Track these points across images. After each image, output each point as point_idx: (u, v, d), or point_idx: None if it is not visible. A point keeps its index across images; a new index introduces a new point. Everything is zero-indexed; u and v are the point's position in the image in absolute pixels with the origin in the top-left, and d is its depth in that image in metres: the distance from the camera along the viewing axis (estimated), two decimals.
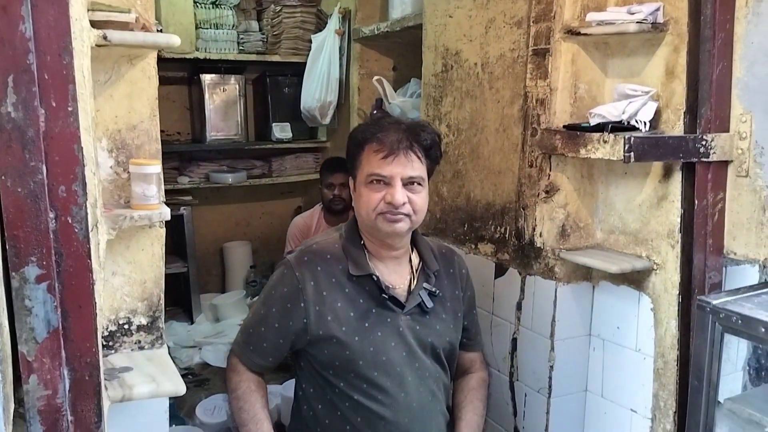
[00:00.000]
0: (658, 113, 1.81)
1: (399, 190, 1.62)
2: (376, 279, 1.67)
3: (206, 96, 3.92)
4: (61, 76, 1.00)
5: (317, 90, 3.71)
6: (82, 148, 1.04)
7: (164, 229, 1.40)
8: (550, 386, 2.05)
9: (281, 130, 4.07)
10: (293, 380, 1.87)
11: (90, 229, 1.08)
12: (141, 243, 1.36)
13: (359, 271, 1.68)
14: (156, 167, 1.30)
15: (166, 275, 3.78)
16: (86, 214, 1.05)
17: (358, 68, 3.68)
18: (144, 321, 1.41)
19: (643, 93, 1.79)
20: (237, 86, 4.00)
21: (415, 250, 1.80)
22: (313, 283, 1.66)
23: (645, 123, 1.77)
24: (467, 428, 1.78)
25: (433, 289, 1.74)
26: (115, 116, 1.31)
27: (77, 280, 1.05)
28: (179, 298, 4.04)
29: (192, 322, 3.85)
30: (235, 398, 1.69)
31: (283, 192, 4.46)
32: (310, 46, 3.83)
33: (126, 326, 1.39)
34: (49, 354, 1.04)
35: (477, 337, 1.93)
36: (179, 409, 2.75)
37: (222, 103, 3.98)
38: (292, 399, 1.83)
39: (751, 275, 1.91)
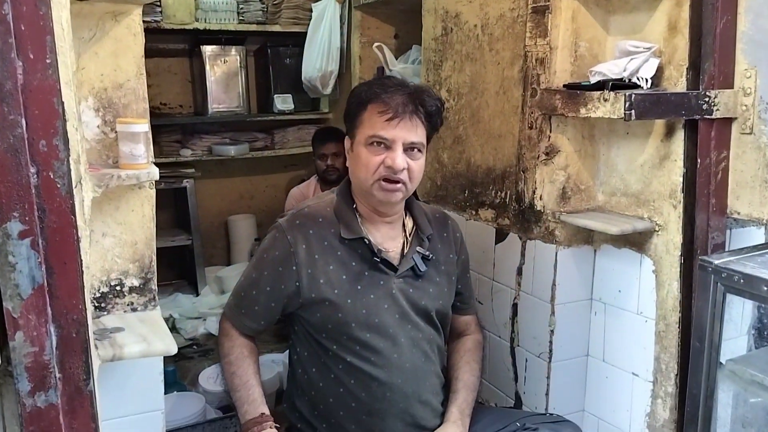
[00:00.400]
0: (660, 70, 1.77)
1: (400, 154, 1.59)
2: (368, 242, 1.65)
3: (207, 68, 3.89)
4: (38, 27, 0.97)
5: (318, 59, 3.67)
6: (62, 102, 1.02)
7: (154, 189, 1.39)
8: (550, 351, 2.04)
9: (283, 102, 4.03)
10: None
11: (74, 185, 1.06)
12: (131, 204, 1.35)
13: (351, 234, 1.66)
14: (144, 126, 1.28)
15: (171, 248, 3.78)
16: (68, 169, 1.03)
17: (359, 36, 3.64)
18: (136, 282, 1.40)
19: (644, 49, 1.74)
20: (238, 57, 3.96)
21: (408, 214, 1.78)
22: (305, 246, 1.64)
23: (647, 80, 1.73)
24: (464, 388, 1.76)
25: (427, 253, 1.72)
26: (100, 74, 1.28)
27: (61, 237, 1.03)
28: (184, 270, 4.05)
29: (197, 294, 3.86)
30: (228, 363, 1.68)
31: (285, 165, 4.44)
32: (311, 15, 3.78)
33: (118, 288, 1.38)
34: (35, 310, 1.03)
35: (471, 301, 1.92)
36: (183, 378, 2.76)
37: (223, 75, 3.95)
38: None
39: (756, 237, 1.88)
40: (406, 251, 1.72)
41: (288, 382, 1.82)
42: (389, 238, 1.72)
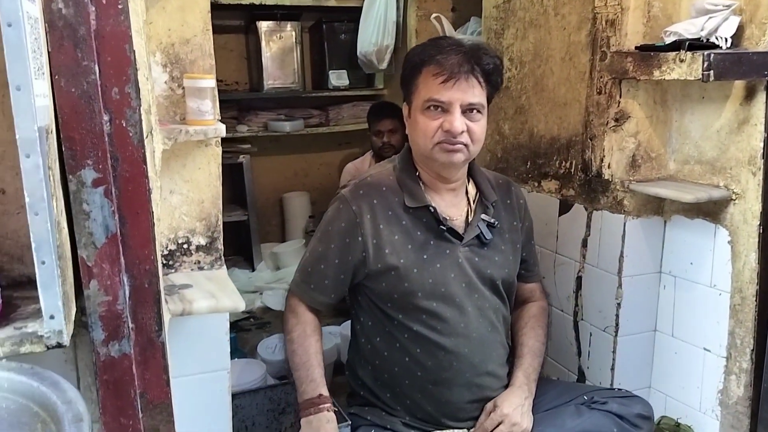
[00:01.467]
0: (740, 29, 1.67)
1: (458, 117, 1.53)
2: (433, 210, 1.62)
3: (263, 44, 3.89)
4: None
5: (374, 34, 3.63)
6: (134, 50, 1.02)
7: (220, 148, 1.38)
8: (617, 324, 1.98)
9: (338, 78, 4.02)
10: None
11: (145, 135, 1.06)
12: (197, 161, 1.35)
13: (415, 202, 1.63)
14: (210, 81, 1.28)
15: (228, 223, 3.83)
16: (140, 118, 1.03)
17: (415, 10, 3.58)
18: (203, 241, 1.40)
19: (724, 7, 1.65)
20: (293, 33, 3.95)
21: (471, 180, 1.73)
22: (370, 216, 1.61)
23: (726, 39, 1.64)
24: (529, 353, 1.73)
25: (492, 221, 1.68)
26: (168, 29, 1.28)
27: (133, 186, 1.04)
28: (240, 246, 4.09)
29: (253, 270, 3.90)
30: (290, 341, 1.66)
31: (340, 142, 4.43)
32: None
33: (185, 246, 1.39)
34: (109, 260, 1.03)
35: (535, 268, 1.87)
36: (242, 347, 2.79)
37: (279, 51, 3.95)
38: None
39: None
40: (470, 219, 1.68)
41: (350, 352, 1.81)
42: (453, 206, 1.68)
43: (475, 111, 1.56)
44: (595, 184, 1.98)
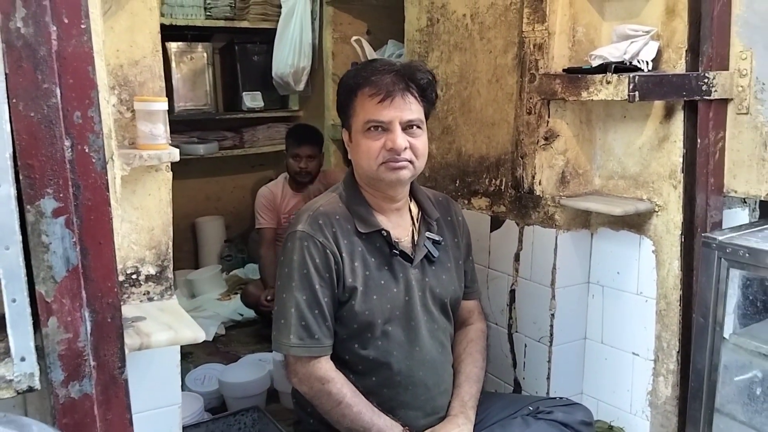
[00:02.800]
0: (659, 53, 1.80)
1: (399, 134, 1.54)
2: (385, 234, 1.62)
3: (173, 65, 3.79)
4: None
5: (290, 55, 3.62)
6: (96, 71, 0.97)
7: (171, 173, 1.33)
8: (551, 334, 2.05)
9: (252, 99, 3.96)
10: None
11: (107, 160, 1.01)
12: (147, 187, 1.29)
13: (368, 227, 1.61)
14: (163, 104, 1.23)
15: None
16: (103, 143, 0.98)
17: (331, 32, 3.60)
18: (153, 271, 1.33)
19: (644, 33, 1.78)
20: (205, 54, 3.87)
21: (413, 199, 1.74)
22: (335, 245, 1.58)
23: (647, 63, 1.76)
24: (466, 381, 1.72)
25: (437, 238, 1.70)
26: (116, 50, 1.22)
27: (96, 215, 0.98)
28: None
29: None
30: (347, 406, 1.54)
31: (253, 164, 4.36)
32: (280, 11, 3.73)
33: (134, 276, 1.32)
34: (69, 294, 0.97)
35: (474, 285, 1.88)
36: None
37: (190, 72, 3.86)
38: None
39: (742, 218, 1.94)
40: (417, 239, 1.69)
41: None
42: (400, 227, 1.69)
43: (415, 127, 1.58)
44: (527, 200, 2.05)
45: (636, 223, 1.94)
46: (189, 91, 3.87)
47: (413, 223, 1.72)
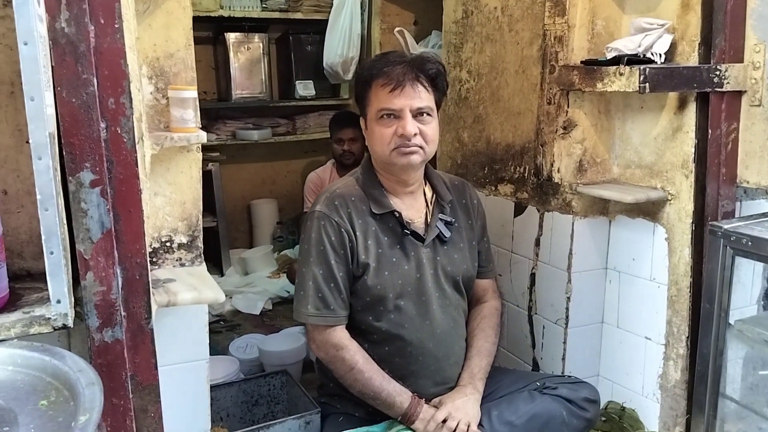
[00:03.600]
0: (673, 45, 1.85)
1: (409, 121, 1.65)
2: (398, 215, 1.74)
3: (231, 55, 4.00)
4: None
5: (339, 46, 3.77)
6: (128, 64, 1.13)
7: (201, 153, 1.50)
8: (567, 317, 2.14)
9: (304, 88, 4.14)
10: None
11: (137, 141, 1.17)
12: (180, 165, 1.46)
13: (382, 209, 1.74)
14: (192, 92, 1.39)
15: None
16: (133, 126, 1.14)
17: (379, 23, 3.73)
18: (184, 240, 1.51)
19: (658, 26, 1.83)
20: (261, 45, 4.07)
21: (427, 183, 1.85)
22: (349, 224, 1.71)
23: (660, 55, 1.82)
24: (476, 355, 1.82)
25: (450, 219, 1.81)
26: (153, 45, 1.40)
27: (127, 186, 1.15)
28: (209, 252, 4.13)
29: (222, 275, 3.99)
30: (358, 371, 1.68)
31: (306, 150, 4.55)
32: (332, 3, 3.88)
33: (168, 244, 1.50)
34: (104, 253, 1.14)
35: (489, 265, 1.96)
36: (214, 347, 2.88)
37: (246, 61, 4.06)
38: None
39: (765, 208, 1.96)
40: (429, 220, 1.80)
41: None
42: (413, 209, 1.80)
43: (425, 114, 1.68)
44: (546, 187, 2.14)
45: (651, 211, 2.00)
46: (246, 80, 4.08)
47: (427, 205, 1.83)
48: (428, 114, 1.69)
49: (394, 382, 1.71)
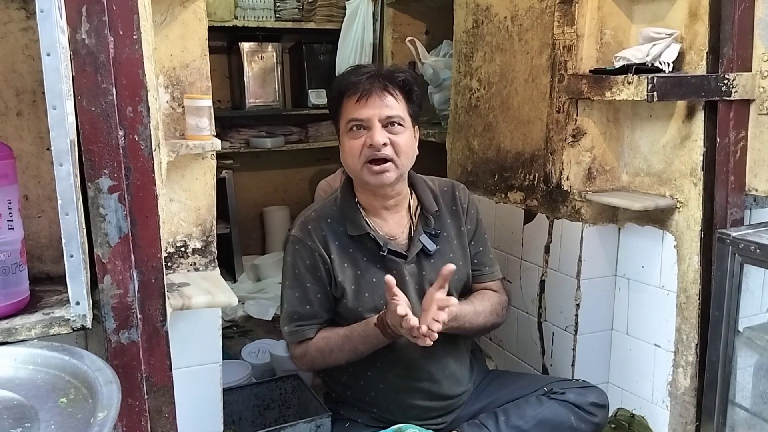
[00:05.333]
0: (681, 54, 1.87)
1: (378, 131, 1.62)
2: (372, 237, 1.72)
3: (245, 64, 4.05)
4: (126, 7, 1.13)
5: (352, 55, 3.81)
6: (145, 74, 1.17)
7: (215, 161, 1.54)
8: (576, 324, 2.15)
9: (317, 96, 4.19)
10: None
11: (153, 148, 1.21)
12: (195, 172, 1.50)
13: (357, 230, 1.72)
14: (207, 101, 1.43)
15: None
16: (150, 133, 1.18)
17: (391, 32, 3.77)
18: (198, 245, 1.54)
19: (666, 35, 1.85)
20: (274, 54, 4.12)
21: (413, 193, 1.81)
22: (323, 248, 1.72)
23: (668, 64, 1.84)
24: (467, 302, 1.77)
25: (434, 231, 1.77)
26: (170, 55, 1.44)
27: (144, 192, 1.19)
28: (222, 258, 4.17)
29: (235, 281, 4.02)
30: (328, 351, 1.71)
31: (318, 158, 4.59)
32: (344, 13, 3.93)
33: (183, 249, 1.53)
34: (121, 257, 1.18)
35: (487, 268, 1.89)
36: (227, 352, 2.91)
37: (260, 70, 4.11)
38: None
39: None
40: (413, 234, 1.77)
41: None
42: (395, 224, 1.78)
43: (396, 124, 1.65)
44: (556, 194, 2.16)
45: (660, 218, 2.01)
46: (259, 88, 4.13)
47: (411, 218, 1.79)
48: (399, 124, 1.66)
49: (356, 324, 1.70)
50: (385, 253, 1.72)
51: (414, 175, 1.81)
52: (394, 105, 1.66)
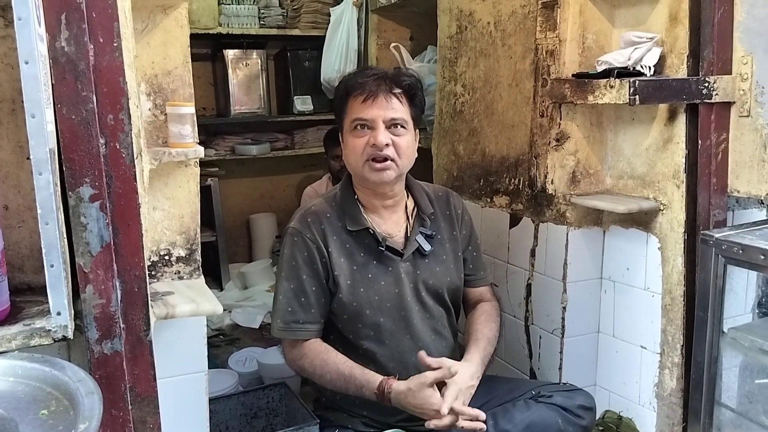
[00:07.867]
0: (662, 58, 1.89)
1: (381, 131, 1.67)
2: (372, 232, 1.75)
3: (230, 71, 4.05)
4: (106, 15, 1.12)
5: (337, 61, 3.81)
6: (126, 81, 1.16)
7: (199, 168, 1.53)
8: (563, 327, 2.15)
9: (302, 103, 4.18)
10: None
11: (135, 156, 1.20)
12: (178, 180, 1.49)
13: (356, 225, 1.75)
14: (190, 108, 1.42)
15: None
16: (131, 141, 1.17)
17: (376, 38, 3.77)
18: (182, 253, 1.53)
19: (647, 39, 1.86)
20: (259, 61, 4.12)
21: (410, 195, 1.86)
22: (322, 241, 1.74)
23: (650, 68, 1.85)
24: (484, 339, 1.79)
25: (430, 232, 1.80)
26: (152, 62, 1.43)
27: (125, 201, 1.18)
28: (209, 266, 4.18)
29: (221, 289, 4.00)
30: (320, 375, 1.71)
31: (304, 165, 4.58)
32: (329, 20, 3.93)
33: (166, 257, 1.52)
34: (103, 266, 1.17)
35: (480, 273, 1.94)
36: (214, 361, 2.89)
37: (245, 77, 4.11)
38: None
39: (757, 218, 1.99)
40: (409, 233, 1.80)
41: None
42: (392, 223, 1.81)
43: (399, 126, 1.70)
44: (541, 198, 2.17)
45: (644, 221, 2.02)
46: (244, 96, 4.12)
47: (407, 218, 1.83)
48: (402, 126, 1.70)
49: (358, 369, 1.69)
50: (383, 249, 1.74)
51: (411, 178, 1.85)
52: (398, 107, 1.70)
